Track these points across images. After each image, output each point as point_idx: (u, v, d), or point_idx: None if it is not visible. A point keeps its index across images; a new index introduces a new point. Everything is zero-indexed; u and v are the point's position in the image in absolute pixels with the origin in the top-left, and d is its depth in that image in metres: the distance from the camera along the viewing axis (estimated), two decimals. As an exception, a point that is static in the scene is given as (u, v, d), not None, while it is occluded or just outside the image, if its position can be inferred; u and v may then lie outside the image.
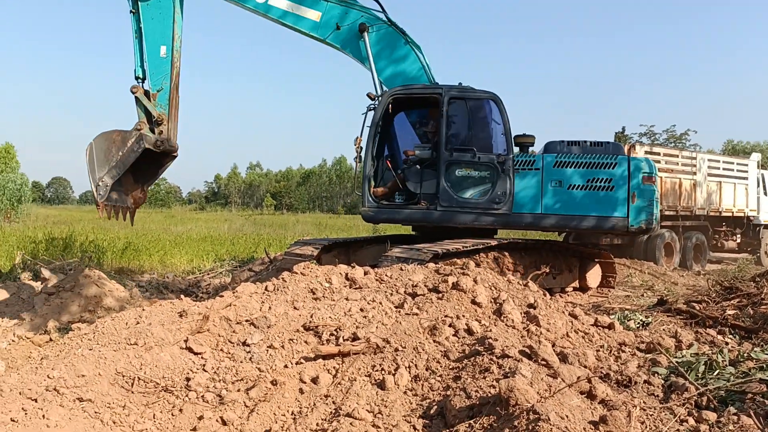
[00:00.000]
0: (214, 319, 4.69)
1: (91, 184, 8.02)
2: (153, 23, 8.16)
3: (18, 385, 3.54)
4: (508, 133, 8.68)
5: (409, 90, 8.82)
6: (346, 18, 9.19)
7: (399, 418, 3.59)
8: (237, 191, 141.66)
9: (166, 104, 8.22)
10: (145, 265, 14.65)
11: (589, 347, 4.82)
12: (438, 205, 8.53)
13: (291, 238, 21.75)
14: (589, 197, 8.66)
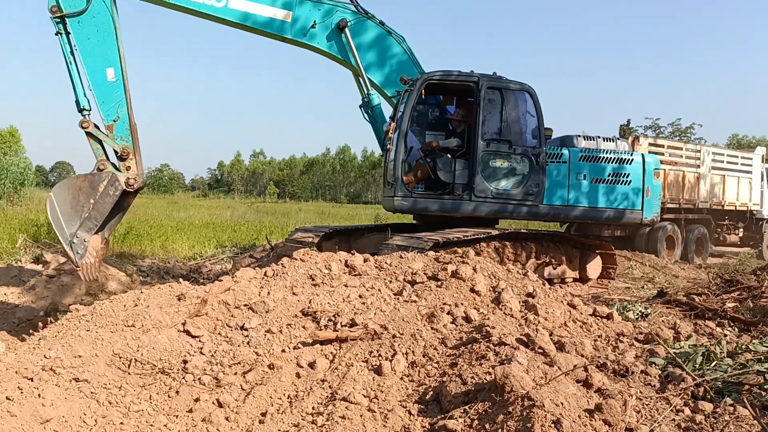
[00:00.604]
0: (212, 303, 4.69)
1: (63, 243, 6.77)
2: (91, 43, 7.02)
3: (14, 364, 3.55)
4: (542, 126, 8.79)
5: (444, 76, 8.60)
6: (319, 14, 8.55)
7: (395, 403, 3.60)
8: (240, 179, 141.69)
9: (127, 135, 7.14)
10: (147, 251, 14.67)
11: (586, 337, 4.82)
12: (473, 195, 8.43)
13: (293, 226, 21.75)
14: (611, 191, 9.27)
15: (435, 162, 8.65)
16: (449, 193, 8.52)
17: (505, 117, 8.66)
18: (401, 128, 8.39)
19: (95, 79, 7.01)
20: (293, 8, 8.33)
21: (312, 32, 8.48)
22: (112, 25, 7.08)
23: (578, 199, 9.13)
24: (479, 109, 8.47)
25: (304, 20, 8.44)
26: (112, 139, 7.07)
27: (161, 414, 3.51)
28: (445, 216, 8.69)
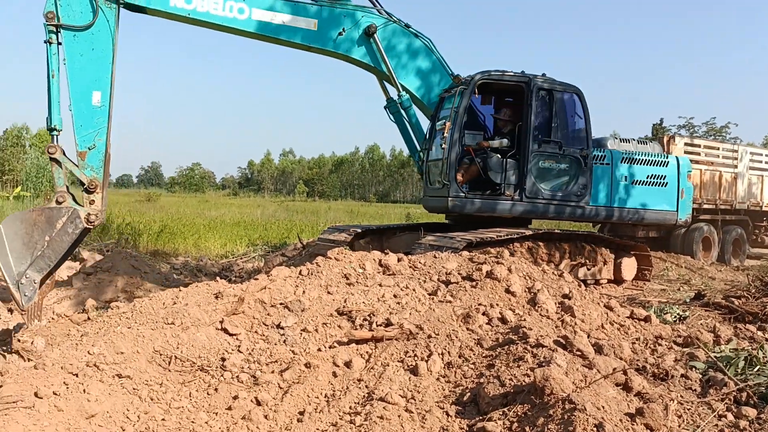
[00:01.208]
0: (249, 302, 4.74)
1: (9, 282, 5.90)
2: (82, 61, 6.43)
3: (60, 360, 3.64)
4: (589, 128, 8.81)
5: (495, 76, 8.55)
6: (346, 21, 8.28)
7: (432, 404, 3.59)
8: (270, 177, 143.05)
9: (99, 166, 6.49)
10: (180, 249, 14.87)
11: (624, 339, 4.76)
12: (524, 196, 8.41)
13: (323, 224, 21.87)
14: (650, 192, 9.46)
15: (485, 162, 8.57)
16: (500, 194, 8.47)
17: (555, 118, 8.61)
18: (456, 128, 8.30)
19: (78, 100, 6.43)
20: (319, 16, 8.04)
21: (339, 40, 8.22)
22: (111, 46, 6.58)
23: (620, 200, 9.21)
24: (530, 109, 8.41)
25: (331, 28, 8.18)
26: (81, 167, 6.41)
27: (201, 411, 3.57)
28: (494, 217, 8.63)
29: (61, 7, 6.32)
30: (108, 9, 6.53)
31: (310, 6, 7.97)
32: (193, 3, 7.23)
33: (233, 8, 7.46)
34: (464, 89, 8.35)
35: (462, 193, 8.30)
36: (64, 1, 6.34)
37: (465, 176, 8.55)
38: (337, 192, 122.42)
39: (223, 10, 7.40)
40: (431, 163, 9.06)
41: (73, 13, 6.38)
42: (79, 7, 6.40)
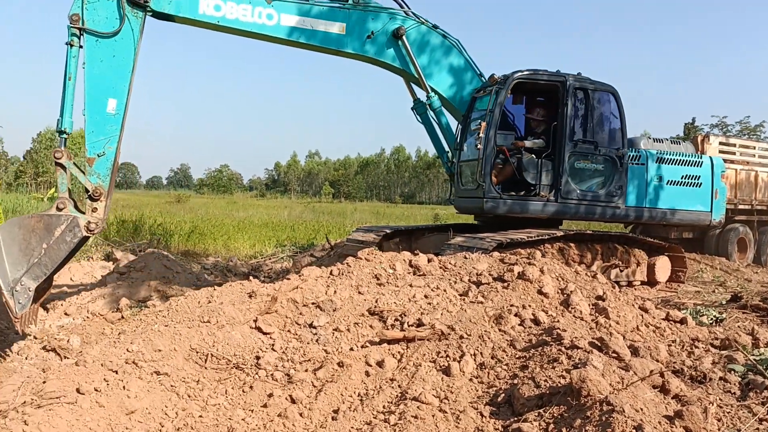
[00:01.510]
0: (281, 301, 4.78)
1: (4, 288, 5.75)
2: (102, 67, 6.33)
3: (100, 357, 3.71)
4: (624, 128, 8.74)
5: (532, 75, 8.48)
6: (374, 24, 8.17)
7: (466, 405, 3.58)
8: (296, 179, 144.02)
9: (106, 174, 6.37)
10: (210, 249, 15.07)
11: (660, 341, 4.69)
12: (559, 196, 8.35)
13: (350, 225, 21.96)
14: (683, 193, 9.39)
15: (519, 162, 8.49)
16: (534, 194, 8.39)
17: (591, 118, 8.53)
18: (491, 128, 8.21)
19: (93, 105, 6.32)
20: (347, 20, 7.96)
21: (368, 43, 8.15)
22: (132, 55, 6.49)
23: (654, 200, 9.13)
24: (566, 109, 8.33)
25: (360, 31, 8.09)
26: (88, 174, 6.30)
27: (238, 408, 3.61)
28: (528, 218, 8.56)
29: (87, 11, 6.25)
30: (134, 18, 6.48)
31: (338, 10, 7.92)
32: (222, 10, 7.21)
33: (262, 14, 7.42)
34: (499, 89, 8.26)
35: (497, 194, 8.22)
36: (91, 5, 6.28)
37: (499, 177, 8.47)
38: (362, 193, 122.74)
39: (252, 17, 7.36)
40: (464, 164, 8.99)
41: (98, 18, 6.32)
42: (106, 12, 6.35)
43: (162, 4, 6.79)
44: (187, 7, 6.99)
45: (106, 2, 6.33)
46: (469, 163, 8.81)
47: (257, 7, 7.38)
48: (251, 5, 7.33)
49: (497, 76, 8.40)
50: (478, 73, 9.07)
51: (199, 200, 59.00)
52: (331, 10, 7.88)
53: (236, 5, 7.25)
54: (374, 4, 8.27)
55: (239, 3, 7.27)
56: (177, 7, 6.92)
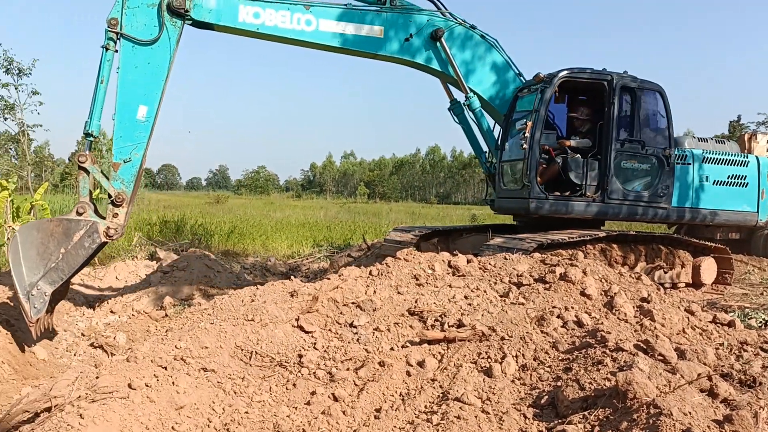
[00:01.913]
0: (322, 300, 4.84)
1: (20, 292, 5.67)
2: (136, 73, 6.32)
3: (149, 354, 3.82)
4: (671, 127, 8.60)
5: (578, 74, 8.36)
6: (412, 26, 8.08)
7: (508, 406, 3.57)
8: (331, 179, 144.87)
9: (130, 181, 6.32)
10: (249, 249, 15.28)
11: (707, 344, 4.58)
12: (605, 197, 8.23)
13: (385, 226, 22.01)
14: (729, 193, 9.24)
15: (564, 162, 8.38)
16: (580, 195, 8.28)
17: (638, 117, 8.38)
18: (537, 127, 8.09)
19: (123, 111, 6.30)
20: (385, 23, 7.90)
21: (406, 46, 8.08)
22: (167, 64, 6.47)
23: (700, 201, 8.97)
24: (612, 108, 8.21)
25: (398, 34, 8.03)
26: (112, 179, 6.26)
27: (282, 405, 3.67)
28: (571, 218, 8.45)
29: (126, 16, 6.27)
30: (172, 26, 6.49)
31: (375, 14, 7.90)
32: (261, 17, 7.23)
33: (301, 21, 7.43)
34: (545, 87, 8.15)
35: (543, 194, 8.13)
36: (130, 11, 6.30)
37: (544, 176, 8.36)
38: (397, 194, 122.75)
39: (291, 23, 7.37)
40: (506, 164, 8.90)
41: (137, 24, 6.33)
42: (145, 19, 6.36)
43: (202, 13, 6.84)
44: (227, 15, 7.04)
45: (147, 9, 6.39)
46: (512, 162, 8.72)
47: (296, 13, 7.39)
48: (290, 11, 7.34)
49: (543, 75, 8.30)
50: (517, 72, 8.98)
51: (238, 201, 59.85)
52: (369, 13, 7.86)
53: (275, 12, 7.27)
54: (411, 6, 8.22)
55: (278, 9, 7.29)
56: (217, 15, 6.97)
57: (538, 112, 8.08)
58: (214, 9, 6.92)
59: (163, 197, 57.59)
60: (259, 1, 7.20)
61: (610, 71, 8.41)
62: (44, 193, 14.29)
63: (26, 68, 18.77)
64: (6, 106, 19.19)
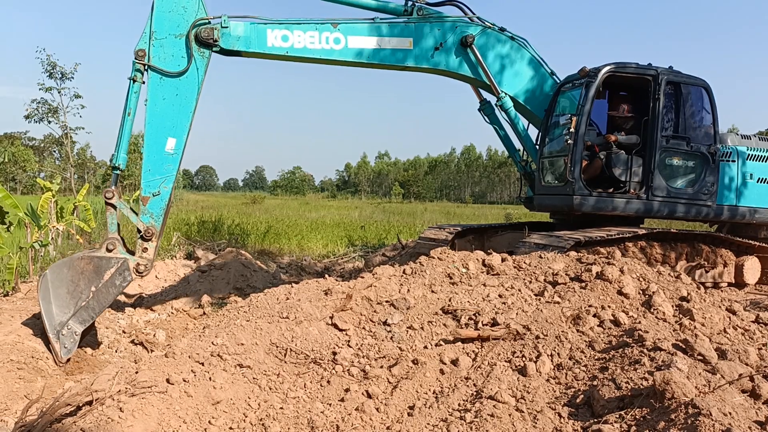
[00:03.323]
0: (356, 299, 4.87)
1: (49, 332, 5.56)
2: (164, 105, 6.24)
3: (187, 350, 3.89)
4: (716, 124, 8.44)
5: (624, 68, 8.23)
6: (441, 34, 7.95)
7: (543, 405, 3.54)
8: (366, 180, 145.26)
9: (159, 214, 6.23)
10: (284, 248, 15.44)
11: (750, 345, 4.46)
12: (650, 194, 8.12)
13: (420, 225, 21.99)
14: None
15: (608, 158, 8.26)
16: (624, 191, 8.15)
17: (683, 113, 8.25)
18: (582, 122, 7.95)
19: (152, 144, 6.23)
20: (413, 34, 7.76)
21: (436, 55, 7.95)
22: (195, 95, 6.37)
23: (745, 198, 8.76)
24: (658, 103, 8.06)
25: (427, 44, 7.90)
26: (141, 213, 6.19)
27: (317, 401, 3.70)
28: (612, 216, 8.31)
29: (154, 47, 6.19)
30: (200, 57, 6.42)
31: (404, 25, 7.76)
32: (290, 40, 7.12)
33: (329, 39, 7.32)
34: (590, 82, 8.02)
35: (587, 191, 8.00)
36: (158, 42, 6.21)
37: (587, 173, 8.23)
38: (432, 193, 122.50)
39: (319, 43, 7.27)
40: (547, 160, 8.78)
41: (164, 55, 6.25)
42: (173, 50, 6.29)
43: (231, 41, 6.75)
44: (256, 41, 6.94)
45: (175, 40, 6.31)
46: (554, 158, 8.59)
47: (324, 32, 7.28)
48: (318, 31, 7.24)
49: (588, 69, 8.17)
50: (549, 71, 8.86)
51: (274, 201, 60.55)
52: (397, 25, 7.73)
53: (303, 33, 7.17)
54: (438, 14, 8.10)
55: (306, 30, 7.19)
56: (246, 42, 6.88)
57: (584, 106, 7.95)
58: (242, 36, 6.85)
59: (200, 198, 58.55)
60: (287, 24, 7.12)
61: (656, 66, 8.24)
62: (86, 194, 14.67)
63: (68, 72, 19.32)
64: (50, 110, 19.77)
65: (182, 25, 6.33)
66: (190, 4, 6.36)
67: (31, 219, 10.48)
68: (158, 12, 6.25)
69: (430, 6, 8.04)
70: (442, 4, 8.24)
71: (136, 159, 65.09)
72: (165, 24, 6.27)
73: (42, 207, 11.06)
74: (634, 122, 8.45)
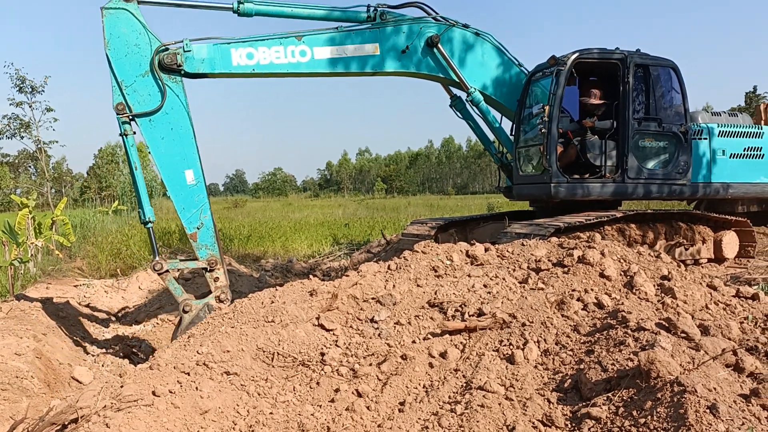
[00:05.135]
0: (342, 298, 4.85)
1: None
2: (166, 144, 6.32)
3: (172, 360, 3.86)
4: (686, 103, 8.56)
5: (593, 54, 8.29)
6: (407, 37, 7.92)
7: (532, 392, 3.56)
8: (348, 177, 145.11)
9: (213, 242, 6.43)
10: (269, 251, 15.37)
11: (731, 319, 4.52)
12: (625, 177, 8.19)
13: (404, 220, 22.00)
14: (746, 165, 9.22)
15: (582, 144, 8.33)
16: (600, 176, 8.23)
17: (653, 94, 8.35)
18: (555, 110, 8.01)
19: (174, 183, 6.32)
20: (378, 39, 7.73)
21: (404, 58, 7.93)
22: (188, 120, 6.42)
23: (719, 175, 8.93)
24: (628, 87, 8.14)
25: (394, 48, 7.87)
26: (196, 249, 6.41)
27: (306, 404, 3.69)
28: (590, 201, 8.39)
29: (129, 96, 6.21)
30: (174, 84, 6.42)
31: (368, 31, 7.70)
32: (256, 57, 7.04)
33: (295, 53, 7.25)
34: (560, 70, 8.06)
35: (564, 178, 8.07)
36: (130, 89, 6.23)
37: (563, 160, 8.30)
38: (415, 187, 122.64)
39: (285, 57, 7.19)
40: (523, 150, 8.85)
41: (141, 98, 6.27)
42: (146, 89, 6.29)
43: (195, 65, 6.67)
44: (221, 62, 6.85)
45: (144, 79, 6.30)
46: (530, 148, 8.66)
47: (289, 46, 7.20)
48: (282, 46, 7.16)
49: (557, 57, 8.21)
50: (516, 62, 8.93)
51: (256, 204, 60.22)
52: (361, 32, 7.66)
53: (268, 49, 7.09)
54: (402, 17, 8.04)
55: (270, 46, 7.10)
56: (211, 64, 6.78)
57: (555, 94, 8.00)
58: (206, 58, 6.75)
59: (181, 205, 57.96)
60: (251, 41, 7.02)
61: (623, 50, 8.31)
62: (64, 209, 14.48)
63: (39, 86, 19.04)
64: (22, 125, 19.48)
65: (143, 63, 6.32)
66: (140, 40, 6.32)
67: (8, 237, 10.34)
68: (115, 61, 6.22)
69: (392, 9, 7.97)
70: (404, 6, 8.16)
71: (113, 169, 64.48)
72: (127, 69, 6.26)
73: (19, 224, 10.93)
74: (606, 107, 8.52)
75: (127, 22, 6.25)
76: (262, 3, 7.20)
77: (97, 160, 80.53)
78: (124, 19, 6.24)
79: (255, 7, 7.14)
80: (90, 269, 12.72)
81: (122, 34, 6.23)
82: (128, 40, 6.26)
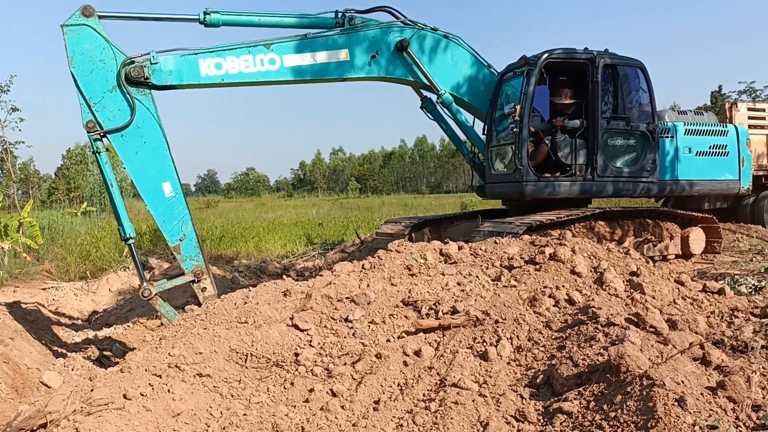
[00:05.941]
0: (316, 297, 4.84)
1: None
2: (140, 158, 6.24)
3: (143, 363, 3.81)
4: (654, 102, 8.72)
5: (563, 54, 8.35)
6: (376, 42, 7.91)
7: (505, 388, 3.60)
8: (322, 177, 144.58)
9: (197, 252, 6.41)
10: (242, 252, 15.25)
11: (698, 313, 4.63)
12: (595, 175, 8.29)
13: (378, 219, 22.01)
14: (712, 163, 9.47)
15: (553, 143, 8.42)
16: (570, 175, 8.33)
17: (621, 94, 8.51)
18: (526, 110, 8.05)
19: (152, 197, 6.29)
20: (348, 45, 7.68)
21: (374, 63, 7.92)
22: (160, 132, 6.36)
23: (686, 172, 9.14)
24: (597, 86, 8.25)
25: (364, 53, 7.85)
26: (181, 261, 6.39)
27: (281, 404, 3.68)
28: (562, 199, 8.48)
29: (98, 112, 6.14)
30: (143, 96, 6.35)
31: (337, 37, 7.66)
32: (224, 67, 6.93)
33: (264, 61, 7.15)
34: (531, 70, 8.13)
35: (536, 177, 8.14)
36: (99, 105, 6.14)
37: (534, 159, 8.38)
38: (389, 186, 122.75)
39: (254, 66, 7.11)
40: (495, 149, 8.92)
41: (111, 114, 6.20)
42: (115, 104, 6.21)
43: (163, 77, 6.55)
44: (189, 73, 6.75)
45: (112, 95, 6.21)
46: (501, 147, 8.74)
47: (258, 54, 7.11)
48: (251, 54, 7.06)
49: (527, 57, 8.29)
50: (486, 63, 9.01)
51: (228, 204, 59.66)
52: (330, 38, 7.61)
53: (237, 58, 6.99)
54: (369, 21, 8.02)
55: (239, 55, 7.00)
56: (178, 76, 6.67)
57: (526, 94, 8.07)
58: (174, 70, 6.64)
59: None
60: (218, 51, 6.91)
61: (592, 50, 8.44)
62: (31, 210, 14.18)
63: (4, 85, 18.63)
64: (-14, 126, 19.06)
65: (110, 78, 6.22)
66: (104, 55, 6.21)
67: (-27, 240, 10.09)
68: (81, 78, 6.12)
69: (361, 15, 7.96)
70: (373, 10, 8.15)
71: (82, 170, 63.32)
72: (94, 85, 6.17)
73: (-16, 227, 10.67)
74: (576, 106, 8.64)
75: (90, 38, 6.14)
76: (229, 13, 7.14)
77: (66, 161, 79.03)
78: (86, 36, 6.12)
79: (222, 17, 7.07)
80: (59, 272, 12.50)
81: (86, 51, 6.12)
82: (92, 56, 6.15)
